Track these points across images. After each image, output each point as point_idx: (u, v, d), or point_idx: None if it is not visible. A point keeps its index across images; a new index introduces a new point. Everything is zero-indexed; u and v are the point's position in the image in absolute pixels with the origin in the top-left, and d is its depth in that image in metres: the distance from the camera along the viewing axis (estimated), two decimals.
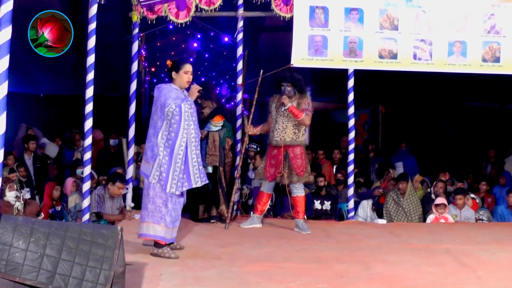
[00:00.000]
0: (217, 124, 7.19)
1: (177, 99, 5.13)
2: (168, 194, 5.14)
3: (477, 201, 8.97)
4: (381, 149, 12.86)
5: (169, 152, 5.07)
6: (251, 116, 7.15)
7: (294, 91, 6.85)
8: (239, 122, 8.25)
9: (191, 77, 5.39)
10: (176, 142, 5.07)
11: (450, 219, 7.95)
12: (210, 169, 7.13)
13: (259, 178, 7.23)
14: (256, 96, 7.13)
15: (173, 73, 5.33)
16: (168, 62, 5.45)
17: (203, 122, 7.07)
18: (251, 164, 9.24)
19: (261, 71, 7.13)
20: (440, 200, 8.05)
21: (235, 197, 7.18)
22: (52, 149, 10.51)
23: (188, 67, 5.37)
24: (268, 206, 7.20)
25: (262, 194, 7.02)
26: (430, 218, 8.02)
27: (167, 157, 5.07)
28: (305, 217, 7.26)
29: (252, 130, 7.12)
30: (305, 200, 6.99)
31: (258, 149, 9.36)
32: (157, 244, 5.24)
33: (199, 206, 7.22)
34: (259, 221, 7.06)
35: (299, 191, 6.87)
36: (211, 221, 7.20)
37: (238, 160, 8.10)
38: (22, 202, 7.20)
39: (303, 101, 6.80)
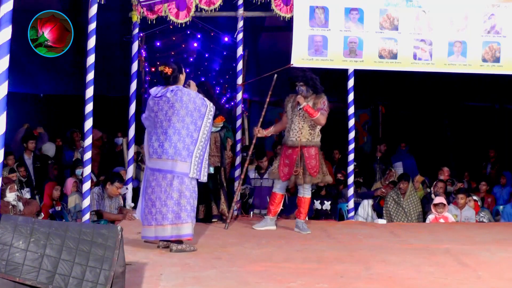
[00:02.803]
0: (218, 125, 7.17)
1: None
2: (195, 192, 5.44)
3: (478, 203, 8.96)
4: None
5: (204, 146, 5.43)
6: (261, 119, 7.10)
7: (308, 90, 6.78)
8: (239, 122, 8.25)
9: None
10: (208, 137, 5.48)
11: (451, 218, 7.95)
12: (212, 170, 7.13)
13: (272, 178, 7.13)
14: (268, 99, 7.07)
15: (181, 75, 5.54)
16: (168, 69, 5.44)
17: None
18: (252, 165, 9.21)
19: (275, 75, 7.07)
20: (439, 199, 8.05)
21: (236, 197, 7.18)
22: (49, 148, 10.49)
23: None
24: (281, 207, 7.12)
25: (275, 194, 6.92)
26: (430, 218, 8.02)
27: (204, 149, 5.42)
28: (307, 218, 7.23)
29: (262, 132, 7.07)
30: (310, 202, 6.95)
31: (248, 156, 9.31)
32: (179, 241, 5.41)
33: (200, 206, 7.22)
34: (273, 223, 6.96)
35: (306, 192, 6.82)
36: (212, 220, 7.19)
37: (239, 160, 8.11)
38: (19, 201, 7.21)
39: (319, 101, 6.74)
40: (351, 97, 7.99)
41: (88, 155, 6.47)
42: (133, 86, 8.06)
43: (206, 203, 7.21)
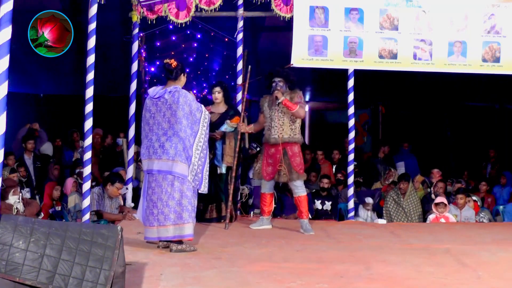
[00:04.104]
0: (233, 125, 7.18)
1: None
2: (195, 192, 5.43)
3: (478, 203, 8.95)
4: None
5: (205, 154, 5.39)
6: (242, 114, 7.13)
7: (285, 86, 6.82)
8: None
9: None
10: (207, 146, 5.44)
11: (451, 218, 7.95)
12: (224, 169, 7.16)
13: (257, 178, 7.21)
14: (245, 93, 7.13)
15: (182, 76, 5.53)
16: (174, 62, 5.44)
17: (217, 123, 7.10)
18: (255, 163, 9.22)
19: (249, 66, 7.13)
20: (440, 199, 8.06)
21: (233, 197, 7.19)
22: (47, 148, 10.48)
23: None
24: (274, 206, 7.17)
25: (265, 195, 6.98)
26: (430, 218, 8.02)
27: (203, 159, 5.37)
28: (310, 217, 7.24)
29: (245, 128, 7.11)
30: (307, 199, 6.97)
31: (258, 148, 9.34)
32: (179, 241, 5.40)
33: (211, 205, 7.22)
34: (268, 222, 7.02)
35: (299, 191, 6.83)
36: (222, 220, 7.20)
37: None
38: (22, 202, 7.21)
39: (295, 95, 6.76)
40: (351, 97, 7.98)
41: (88, 155, 6.47)
42: (133, 86, 8.07)
43: (217, 202, 7.23)
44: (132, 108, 8.05)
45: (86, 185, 6.43)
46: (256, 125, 7.17)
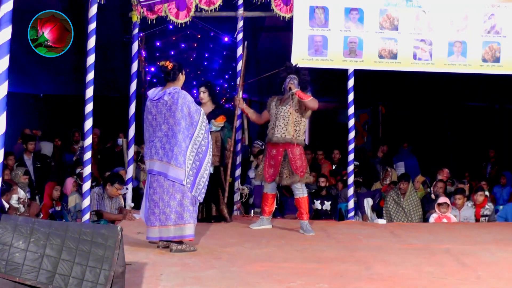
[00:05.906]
0: (219, 124, 7.17)
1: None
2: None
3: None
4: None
5: (201, 158, 5.31)
6: (240, 91, 7.10)
7: (297, 85, 6.79)
8: (238, 122, 8.23)
9: None
10: (208, 150, 5.35)
11: (453, 219, 7.96)
12: (211, 169, 7.14)
13: (259, 179, 7.20)
14: (243, 64, 7.16)
15: (180, 75, 5.50)
16: (169, 64, 5.43)
17: None
18: (254, 162, 9.21)
19: (245, 42, 7.26)
20: (443, 199, 8.07)
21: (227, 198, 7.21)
22: (46, 147, 10.48)
23: None
24: (275, 206, 7.18)
25: (267, 195, 6.97)
26: (433, 217, 8.02)
27: (198, 162, 5.30)
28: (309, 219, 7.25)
29: (242, 104, 7.14)
30: (308, 200, 6.97)
31: (264, 146, 9.35)
32: (179, 241, 5.40)
33: (199, 206, 7.22)
34: (268, 222, 7.02)
35: (300, 192, 6.82)
36: (212, 221, 7.20)
37: (239, 160, 8.11)
38: (27, 202, 7.23)
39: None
40: (351, 97, 7.98)
41: (88, 155, 6.47)
42: (133, 86, 8.06)
43: (205, 203, 7.22)
44: (132, 108, 8.05)
45: (86, 185, 6.42)
46: (256, 115, 7.20)
